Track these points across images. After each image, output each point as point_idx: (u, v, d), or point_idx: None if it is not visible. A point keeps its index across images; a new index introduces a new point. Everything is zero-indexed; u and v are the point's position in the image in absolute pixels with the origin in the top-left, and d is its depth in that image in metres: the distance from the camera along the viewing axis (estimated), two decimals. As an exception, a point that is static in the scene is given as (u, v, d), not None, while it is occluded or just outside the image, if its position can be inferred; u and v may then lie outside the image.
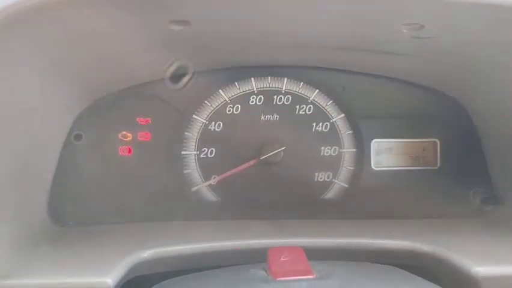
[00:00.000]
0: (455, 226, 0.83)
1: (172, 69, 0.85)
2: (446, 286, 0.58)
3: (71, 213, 0.84)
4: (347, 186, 0.98)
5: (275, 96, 0.97)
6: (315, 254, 0.61)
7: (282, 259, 0.60)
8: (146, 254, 0.66)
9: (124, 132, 0.94)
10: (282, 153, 0.95)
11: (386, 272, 0.60)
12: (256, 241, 0.70)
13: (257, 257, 0.64)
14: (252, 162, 0.95)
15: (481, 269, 0.62)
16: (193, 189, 0.96)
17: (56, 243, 0.72)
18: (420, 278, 0.58)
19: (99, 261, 0.63)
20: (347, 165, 0.98)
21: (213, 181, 0.96)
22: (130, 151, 0.94)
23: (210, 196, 0.96)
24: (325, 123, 0.97)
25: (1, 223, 0.66)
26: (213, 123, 0.96)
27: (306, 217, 0.91)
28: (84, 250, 0.69)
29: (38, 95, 0.72)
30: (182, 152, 0.95)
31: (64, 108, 0.82)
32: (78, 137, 0.89)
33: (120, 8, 0.63)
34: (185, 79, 0.89)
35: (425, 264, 0.71)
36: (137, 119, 0.94)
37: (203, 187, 0.96)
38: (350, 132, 0.98)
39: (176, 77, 0.89)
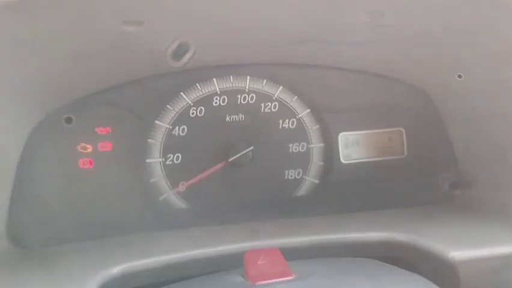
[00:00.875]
0: (427, 213, 0.84)
1: (173, 46, 0.80)
2: (424, 273, 0.57)
3: (33, 234, 0.79)
4: (317, 181, 0.97)
5: (239, 96, 0.95)
6: (293, 254, 0.59)
7: (259, 262, 0.58)
8: (116, 269, 0.62)
9: (83, 144, 0.89)
10: (250, 153, 0.93)
11: (365, 265, 0.59)
12: (231, 246, 0.68)
13: (233, 263, 0.62)
14: (220, 165, 0.92)
15: (457, 254, 0.63)
16: (161, 197, 0.92)
17: (19, 266, 0.68)
18: (398, 268, 0.58)
19: (67, 281, 0.59)
20: (316, 161, 0.97)
21: (181, 188, 0.93)
22: (91, 163, 0.89)
23: (180, 204, 0.93)
24: (291, 120, 0.96)
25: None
26: (177, 127, 0.93)
27: (279, 216, 0.90)
28: (50, 271, 0.65)
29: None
30: (147, 160, 0.92)
31: (17, 122, 0.77)
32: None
33: (67, 10, 0.60)
34: (187, 56, 0.85)
35: (402, 254, 0.71)
36: (97, 129, 0.90)
37: (171, 195, 0.93)
38: (317, 127, 0.97)
39: (178, 55, 0.84)
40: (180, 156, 0.93)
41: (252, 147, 0.93)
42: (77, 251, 0.74)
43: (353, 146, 0.98)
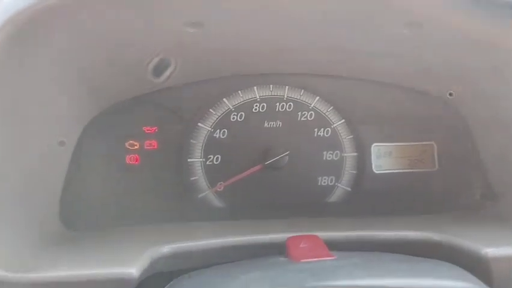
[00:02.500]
0: (458, 218, 0.86)
1: (154, 62, 0.86)
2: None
3: (82, 220, 0.84)
4: (349, 189, 1.00)
5: (277, 104, 1.00)
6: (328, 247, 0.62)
7: (301, 245, 0.62)
8: (166, 248, 0.66)
9: (131, 141, 0.95)
10: (286, 158, 0.97)
11: (402, 256, 0.62)
12: (272, 236, 0.71)
13: (273, 252, 0.66)
14: (257, 168, 0.97)
15: (490, 250, 0.64)
16: (200, 195, 0.97)
17: (73, 244, 0.72)
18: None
19: (120, 255, 0.63)
20: (349, 169, 1.01)
21: (219, 187, 0.97)
22: (137, 160, 0.95)
23: (216, 202, 0.97)
24: (326, 129, 1.01)
25: (19, 224, 0.67)
26: (218, 130, 0.98)
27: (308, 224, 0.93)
28: (103, 248, 0.69)
29: (50, 102, 0.74)
30: (189, 160, 0.97)
31: (74, 116, 0.84)
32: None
33: (132, 9, 0.67)
34: (167, 72, 0.90)
35: (435, 253, 0.73)
36: (144, 128, 0.96)
37: (209, 193, 0.97)
38: (351, 137, 1.01)
39: (158, 71, 0.89)
40: (220, 157, 0.98)
41: (288, 152, 0.97)
42: (124, 234, 0.78)
43: (384, 157, 1.02)
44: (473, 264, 0.66)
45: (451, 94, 0.98)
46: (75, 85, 0.77)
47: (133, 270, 0.59)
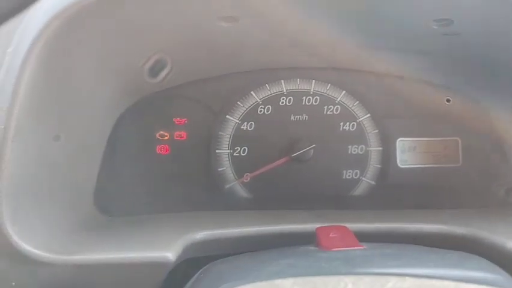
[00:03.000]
0: (483, 213, 0.87)
1: (150, 63, 0.88)
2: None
3: (116, 205, 0.87)
4: (374, 183, 1.02)
5: (304, 97, 1.02)
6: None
7: (330, 235, 0.64)
8: (199, 235, 0.69)
9: (161, 132, 0.98)
10: (312, 151, 0.99)
11: (430, 248, 0.64)
12: (303, 225, 0.74)
13: (302, 242, 0.68)
14: (283, 160, 0.99)
15: (516, 244, 0.66)
16: (227, 186, 1.00)
17: (108, 229, 0.76)
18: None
19: (156, 240, 0.66)
20: (373, 163, 1.02)
21: (245, 178, 1.00)
22: (167, 150, 0.98)
23: (243, 193, 1.00)
24: (352, 123, 1.02)
25: (58, 209, 0.70)
26: (245, 123, 1.00)
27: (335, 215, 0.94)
28: (138, 233, 0.73)
29: (89, 91, 0.77)
30: (217, 151, 1.00)
31: (111, 106, 0.87)
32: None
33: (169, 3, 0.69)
34: (163, 73, 0.91)
35: (459, 246, 0.74)
36: (174, 119, 0.99)
37: (236, 184, 1.00)
38: (376, 131, 1.02)
39: (154, 71, 0.90)
40: (247, 149, 1.00)
41: (314, 145, 0.99)
42: (157, 220, 0.81)
43: (409, 152, 1.03)
44: (498, 258, 0.67)
45: (448, 100, 1.00)
46: (112, 76, 0.80)
47: (170, 254, 0.62)
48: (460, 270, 0.51)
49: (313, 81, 1.02)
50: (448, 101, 1.01)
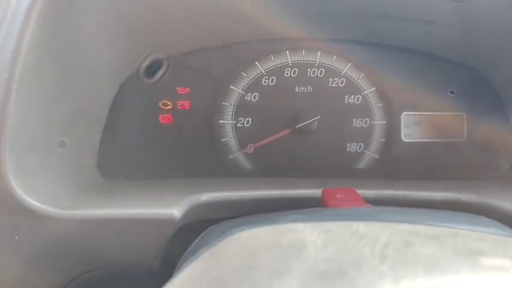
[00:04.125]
0: (487, 185, 0.86)
1: (146, 63, 0.87)
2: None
3: (119, 171, 0.87)
4: (377, 156, 1.01)
5: (309, 69, 1.01)
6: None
7: (337, 196, 0.63)
8: (204, 197, 0.68)
9: (164, 101, 0.97)
10: (316, 122, 0.98)
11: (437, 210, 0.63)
12: (309, 190, 0.73)
13: (307, 205, 0.67)
14: (287, 131, 0.98)
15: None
16: (230, 157, 0.99)
17: (113, 191, 0.75)
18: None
19: (161, 200, 0.65)
20: (378, 137, 1.01)
21: (249, 149, 0.99)
22: (170, 119, 0.97)
23: (246, 164, 0.99)
24: (357, 96, 1.01)
25: (62, 169, 0.69)
26: (249, 94, 0.99)
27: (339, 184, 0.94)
28: (142, 194, 0.72)
29: (97, 54, 0.76)
30: (220, 121, 0.99)
31: (115, 70, 0.86)
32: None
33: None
34: (160, 73, 0.92)
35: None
36: (177, 89, 0.98)
37: (239, 155, 0.99)
38: (381, 104, 1.01)
39: (150, 71, 0.91)
40: (250, 120, 0.99)
41: (318, 117, 0.98)
42: (160, 184, 0.81)
43: (414, 126, 1.02)
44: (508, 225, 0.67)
45: (452, 92, 0.99)
46: (119, 39, 0.79)
47: (175, 211, 0.61)
48: (469, 226, 0.51)
49: (319, 52, 1.01)
50: (452, 92, 1.00)
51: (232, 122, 0.99)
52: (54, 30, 0.61)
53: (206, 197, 0.68)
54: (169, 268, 0.67)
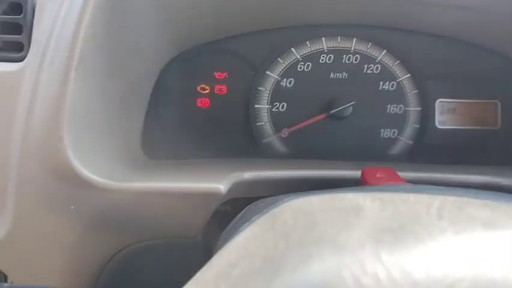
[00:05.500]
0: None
1: (185, 48, 0.88)
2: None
3: (162, 151, 0.90)
4: (411, 143, 1.02)
5: (344, 56, 1.02)
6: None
7: (377, 175, 0.65)
8: (247, 174, 0.71)
9: (202, 85, 1.00)
10: (350, 108, 1.00)
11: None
12: (349, 171, 0.75)
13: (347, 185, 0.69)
14: (321, 116, 1.00)
15: None
16: (265, 140, 1.01)
17: (159, 169, 0.78)
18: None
19: (206, 176, 0.68)
20: (412, 123, 1.02)
21: (283, 133, 1.01)
22: (207, 103, 1.00)
23: (281, 147, 1.02)
24: (391, 83, 1.02)
25: (113, 144, 0.73)
26: (285, 79, 1.01)
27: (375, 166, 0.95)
28: (187, 172, 0.75)
29: (144, 36, 0.79)
30: (256, 106, 1.01)
31: (159, 54, 0.89)
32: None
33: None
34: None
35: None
36: (215, 73, 1.00)
37: (274, 139, 1.01)
38: (416, 91, 1.02)
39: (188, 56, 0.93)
40: (285, 105, 1.01)
41: (353, 102, 0.99)
42: (203, 163, 0.84)
43: (448, 113, 1.03)
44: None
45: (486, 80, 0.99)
46: (161, 25, 0.82)
47: (221, 186, 0.64)
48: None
49: (355, 39, 1.02)
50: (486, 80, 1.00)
51: (267, 106, 1.01)
52: (110, 11, 0.64)
53: (248, 175, 0.71)
54: (209, 242, 0.70)
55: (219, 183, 0.64)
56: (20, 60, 0.67)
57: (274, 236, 0.33)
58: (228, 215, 0.68)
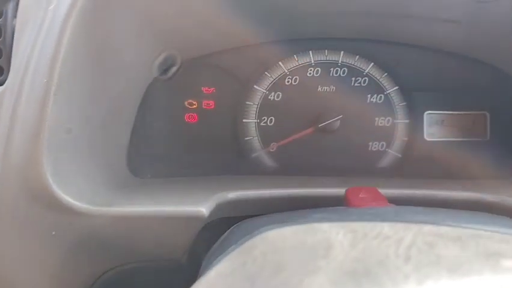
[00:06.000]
0: (510, 185, 0.86)
1: (160, 59, 0.88)
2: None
3: (148, 169, 0.90)
4: (400, 155, 1.02)
5: (332, 69, 1.02)
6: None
7: (360, 196, 0.65)
8: (231, 194, 0.70)
9: (190, 100, 1.00)
10: (338, 121, 0.99)
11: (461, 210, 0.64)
12: (334, 189, 0.74)
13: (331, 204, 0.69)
14: (309, 130, 1.00)
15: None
16: (253, 155, 1.01)
17: (143, 188, 0.78)
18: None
19: (189, 198, 0.68)
20: (400, 136, 1.02)
21: (272, 148, 1.01)
22: (195, 118, 1.00)
23: (269, 162, 1.01)
24: (379, 95, 1.02)
25: (95, 166, 0.72)
26: (273, 93, 1.01)
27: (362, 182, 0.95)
28: (171, 192, 0.75)
29: (128, 54, 0.79)
30: (244, 120, 1.01)
31: (144, 71, 0.88)
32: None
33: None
34: (173, 69, 0.93)
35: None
36: (203, 88, 1.00)
37: (262, 154, 1.01)
38: (404, 104, 1.02)
39: (163, 68, 0.92)
40: (273, 119, 1.01)
41: (341, 116, 0.99)
42: (188, 182, 0.83)
43: (437, 125, 1.02)
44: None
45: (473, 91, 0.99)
46: (146, 42, 0.82)
47: (203, 209, 0.63)
48: (492, 227, 0.51)
49: (342, 52, 1.02)
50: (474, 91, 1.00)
51: (255, 121, 1.01)
52: (91, 33, 0.63)
53: (232, 195, 0.70)
54: (194, 263, 0.69)
55: (201, 206, 0.64)
56: (0, 84, 0.67)
57: (242, 279, 0.33)
58: (213, 235, 0.68)
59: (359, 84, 1.02)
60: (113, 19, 0.68)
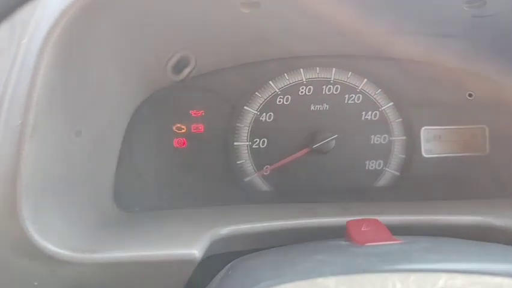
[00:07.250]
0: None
1: (173, 60, 0.85)
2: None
3: (135, 201, 0.85)
4: (398, 174, 0.98)
5: (324, 86, 0.98)
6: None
7: (362, 229, 0.61)
8: (224, 230, 0.66)
9: (178, 125, 0.96)
10: (333, 141, 0.96)
11: (470, 241, 0.60)
12: (331, 219, 0.71)
13: (330, 235, 0.65)
14: (304, 151, 0.96)
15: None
16: (246, 179, 0.97)
17: (130, 225, 0.74)
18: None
19: (180, 237, 0.64)
20: (397, 153, 0.99)
21: (265, 171, 0.97)
22: (184, 143, 0.96)
23: (263, 186, 0.97)
24: (374, 112, 0.99)
25: (79, 206, 0.68)
26: (264, 114, 0.97)
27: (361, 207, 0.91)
28: (160, 230, 0.70)
29: (109, 84, 0.75)
30: (235, 143, 0.97)
31: (128, 98, 0.84)
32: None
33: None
34: (186, 71, 0.90)
35: (495, 239, 0.71)
36: (191, 112, 0.96)
37: (256, 177, 0.97)
38: (400, 120, 0.98)
39: (177, 69, 0.89)
40: (266, 141, 0.97)
41: (336, 135, 0.96)
42: (177, 216, 0.79)
43: (434, 141, 0.99)
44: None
45: (470, 95, 0.96)
46: (129, 67, 0.78)
47: (195, 251, 0.59)
48: (507, 264, 0.48)
49: (334, 69, 0.98)
50: (470, 95, 0.97)
51: (247, 143, 0.97)
52: (67, 67, 0.59)
53: (225, 230, 0.66)
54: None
55: (193, 247, 0.60)
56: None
57: None
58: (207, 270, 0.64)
59: (353, 102, 0.99)
60: (91, 50, 0.64)
